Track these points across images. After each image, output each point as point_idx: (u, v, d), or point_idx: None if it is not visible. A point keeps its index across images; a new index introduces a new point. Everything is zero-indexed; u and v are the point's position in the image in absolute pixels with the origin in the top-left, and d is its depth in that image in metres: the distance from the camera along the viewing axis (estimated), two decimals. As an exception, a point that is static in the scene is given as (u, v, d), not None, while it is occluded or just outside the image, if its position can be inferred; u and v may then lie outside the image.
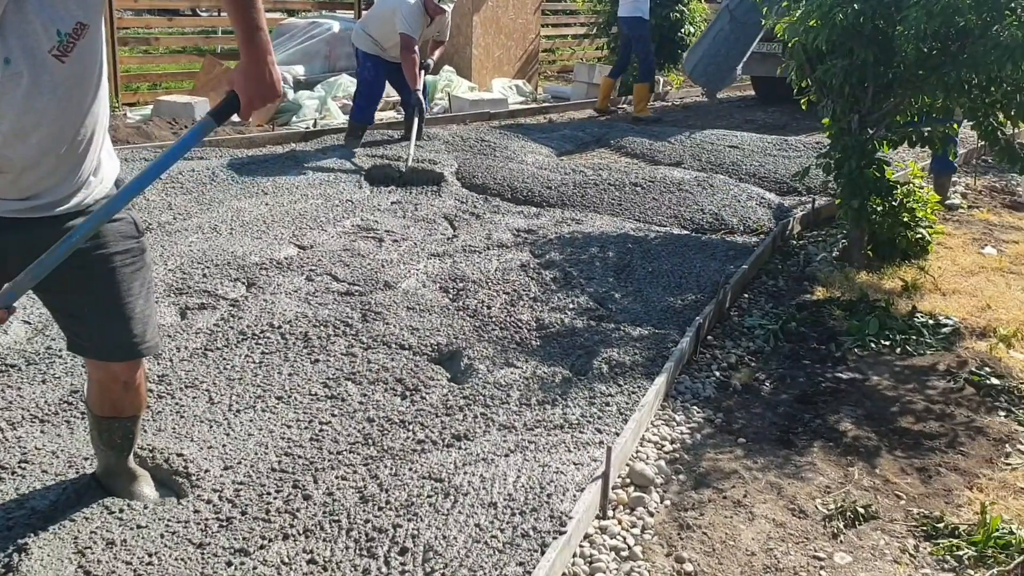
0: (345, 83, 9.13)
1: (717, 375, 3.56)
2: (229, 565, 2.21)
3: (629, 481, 2.74)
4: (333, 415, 2.98)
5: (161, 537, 2.31)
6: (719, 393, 3.42)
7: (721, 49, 9.68)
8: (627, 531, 2.52)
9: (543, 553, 2.24)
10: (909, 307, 4.23)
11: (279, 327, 3.63)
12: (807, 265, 4.94)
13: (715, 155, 7.47)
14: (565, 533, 2.30)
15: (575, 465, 2.66)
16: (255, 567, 2.20)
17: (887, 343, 3.88)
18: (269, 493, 2.51)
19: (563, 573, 2.29)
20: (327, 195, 5.80)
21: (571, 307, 4.04)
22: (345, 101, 8.98)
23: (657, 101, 11.31)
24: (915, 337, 3.93)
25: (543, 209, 5.82)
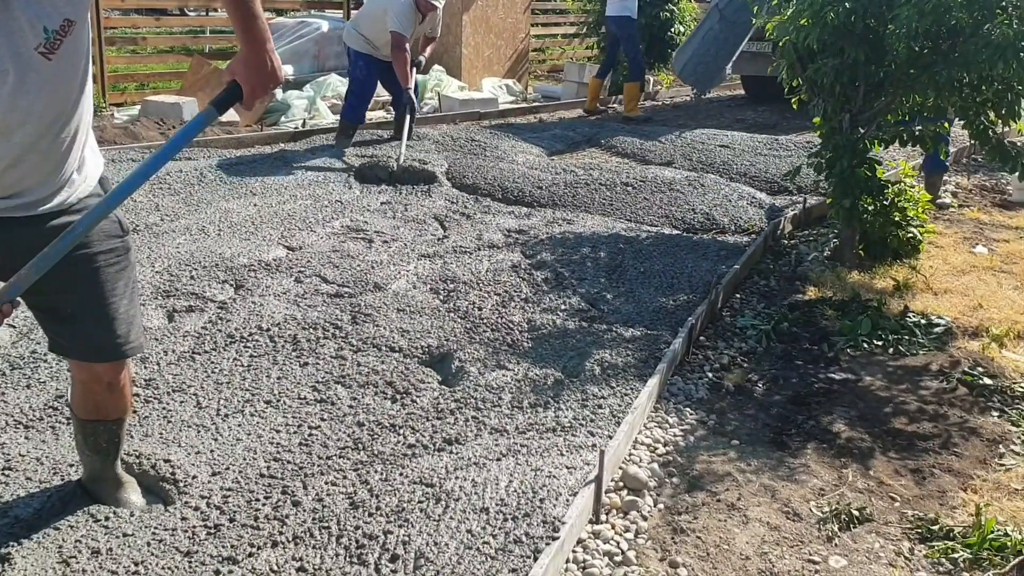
0: (334, 83, 9.08)
1: (710, 376, 3.54)
2: (217, 574, 2.18)
3: (622, 484, 2.71)
4: (323, 419, 2.94)
5: (148, 545, 2.27)
6: (712, 394, 3.40)
7: (710, 48, 9.68)
8: (620, 535, 2.50)
9: (536, 559, 2.21)
10: (901, 307, 4.23)
11: (268, 330, 3.59)
12: (799, 265, 4.93)
13: (706, 154, 7.46)
14: (558, 539, 2.27)
15: (568, 469, 2.63)
16: (244, 575, 2.17)
17: (879, 343, 3.87)
18: (258, 499, 2.48)
19: (556, 579, 2.27)
20: (316, 196, 5.75)
21: (563, 308, 4.02)
22: (334, 101, 8.94)
23: (647, 100, 11.29)
24: (907, 337, 3.92)
25: (534, 209, 5.79)
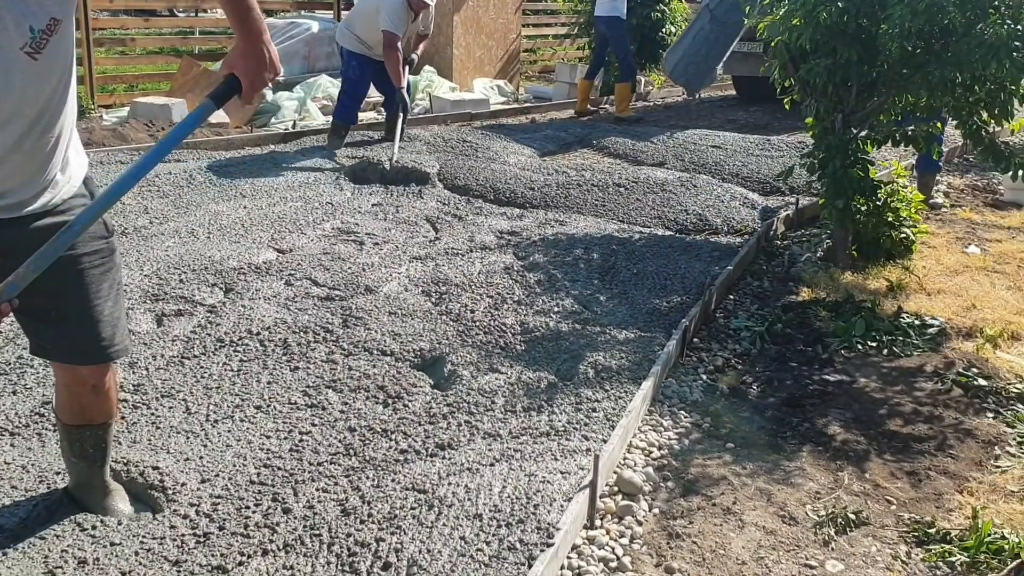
0: (325, 84, 9.03)
1: (704, 378, 3.52)
2: (206, 583, 2.14)
3: (617, 489, 2.69)
4: (313, 424, 2.91)
5: (136, 555, 2.24)
6: (706, 397, 3.38)
7: (701, 49, 9.67)
8: (615, 541, 2.47)
9: (530, 567, 2.18)
10: (895, 307, 4.21)
11: (258, 334, 3.55)
12: (792, 266, 4.91)
13: (698, 155, 7.44)
14: (552, 545, 2.25)
15: (562, 474, 2.60)
16: (233, 585, 2.14)
17: (874, 344, 3.85)
18: (248, 507, 2.44)
19: (551, 586, 2.24)
20: (307, 197, 5.71)
21: (556, 310, 3.99)
22: (325, 102, 8.89)
23: (639, 101, 11.28)
24: (901, 338, 3.90)
25: (526, 210, 5.76)
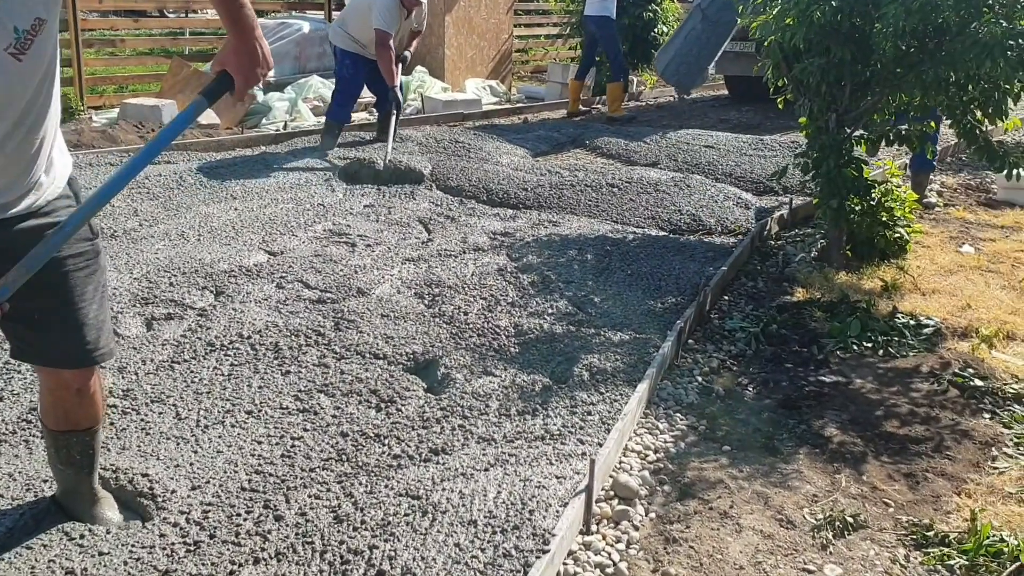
0: (316, 84, 8.99)
1: (699, 380, 3.50)
2: (196, 593, 2.11)
3: (613, 494, 2.66)
4: (305, 430, 2.87)
5: (125, 564, 2.20)
6: (702, 399, 3.35)
7: (693, 48, 9.66)
8: (612, 546, 2.44)
9: (526, 573, 2.15)
10: (890, 307, 4.20)
11: (248, 337, 3.51)
12: (786, 266, 4.90)
13: (691, 155, 7.42)
14: (548, 552, 2.22)
15: (557, 479, 2.57)
16: (224, 595, 2.10)
17: (869, 345, 3.84)
18: (239, 514, 2.41)
19: (547, 593, 2.21)
20: (298, 199, 5.67)
21: (550, 312, 3.96)
22: (316, 103, 8.85)
23: (631, 101, 11.27)
24: (897, 338, 3.89)
25: (519, 211, 5.73)
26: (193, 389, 3.12)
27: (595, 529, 2.50)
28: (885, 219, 4.78)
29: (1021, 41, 3.85)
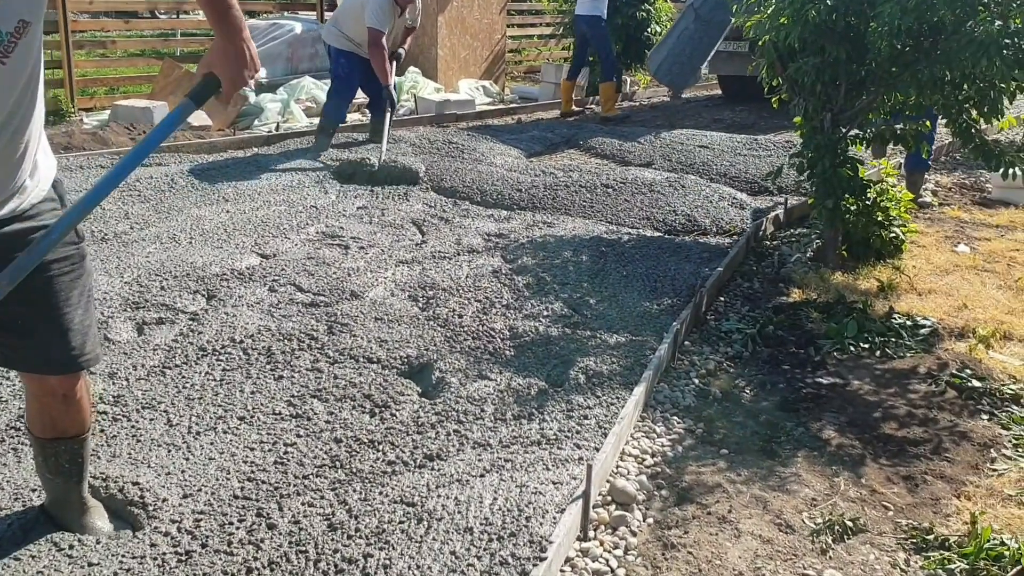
0: (308, 85, 8.94)
1: (696, 383, 3.47)
2: (188, 604, 2.07)
3: (610, 499, 2.63)
4: (298, 436, 2.83)
5: (115, 575, 2.16)
6: (699, 402, 3.33)
7: (686, 48, 9.64)
8: (609, 553, 2.41)
9: (523, 582, 2.12)
10: (886, 308, 4.18)
11: (241, 342, 3.48)
12: (782, 266, 4.87)
13: (685, 155, 7.40)
14: (546, 559, 2.18)
15: (554, 484, 2.54)
16: (216, 606, 2.07)
17: (866, 346, 3.81)
18: (231, 523, 2.37)
19: (544, 601, 2.18)
20: (291, 201, 5.63)
21: (545, 314, 3.93)
22: (308, 104, 8.80)
23: (625, 101, 11.25)
24: (894, 339, 3.87)
25: (513, 212, 5.70)
26: (185, 395, 3.08)
27: (592, 535, 2.47)
28: (881, 219, 4.77)
29: (1017, 40, 3.84)
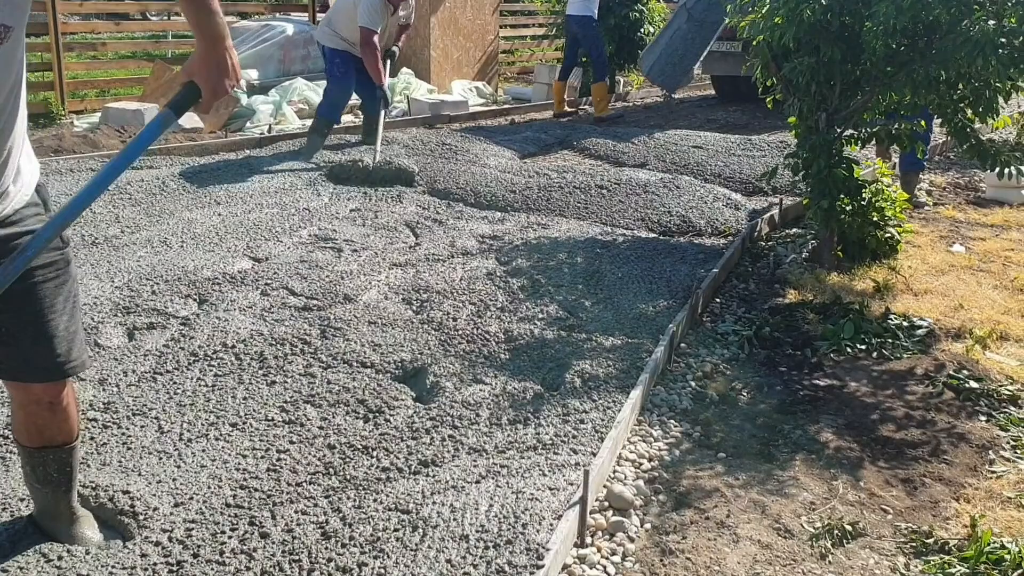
0: (300, 87, 8.90)
1: (693, 385, 3.44)
2: (179, 616, 2.04)
3: (607, 504, 2.60)
4: (291, 442, 2.80)
5: (104, 586, 2.13)
6: (696, 404, 3.30)
7: (678, 48, 9.64)
8: (607, 559, 2.38)
9: (520, 590, 2.09)
10: (882, 309, 4.16)
11: (233, 347, 3.44)
12: (777, 267, 4.85)
13: (679, 156, 7.38)
14: (543, 567, 2.16)
15: (551, 490, 2.51)
16: (208, 617, 2.03)
17: (863, 347, 3.79)
18: (223, 532, 2.33)
19: (541, 610, 2.15)
20: (283, 204, 5.59)
21: (540, 317, 3.90)
22: (301, 106, 8.76)
23: (618, 101, 11.23)
24: (891, 340, 3.85)
25: (508, 214, 5.67)
26: (176, 401, 3.04)
27: (590, 542, 2.44)
28: (876, 219, 4.75)
29: (1012, 39, 3.82)
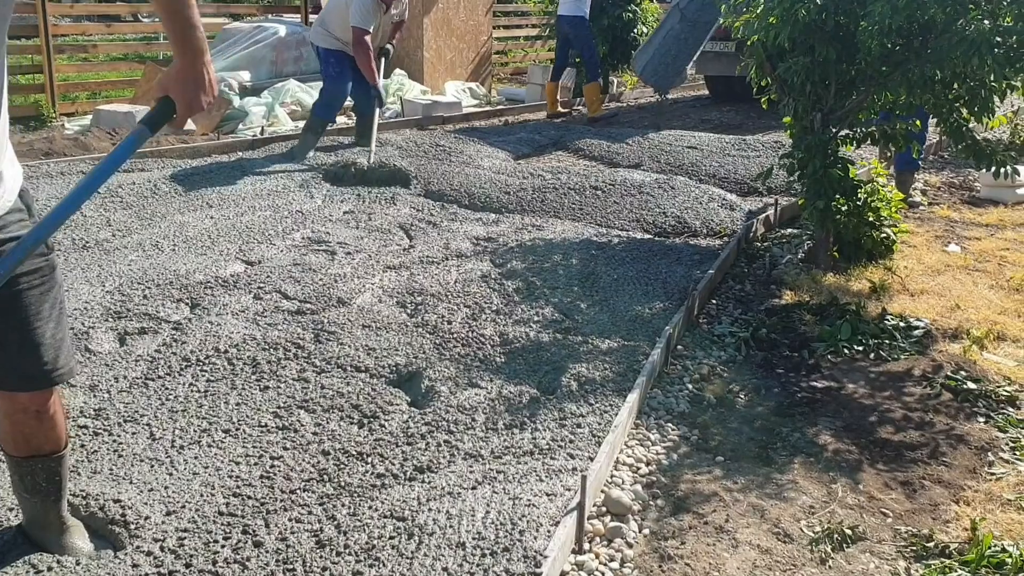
0: (293, 89, 8.86)
1: (690, 388, 3.42)
2: (171, 627, 2.00)
3: (605, 510, 2.57)
4: (285, 448, 2.76)
5: (95, 597, 2.09)
6: (693, 407, 3.28)
7: (671, 49, 9.62)
8: (606, 566, 2.35)
9: (517, 599, 2.06)
10: (879, 309, 4.14)
11: (225, 351, 3.40)
12: (773, 268, 4.83)
13: (674, 156, 7.36)
14: (540, 574, 2.13)
15: (548, 496, 2.48)
16: (200, 628, 2.00)
17: (860, 348, 3.77)
18: (216, 541, 2.30)
19: (539, 618, 2.12)
20: (276, 206, 5.55)
21: (536, 319, 3.87)
22: (293, 107, 8.72)
23: (612, 102, 11.21)
24: (888, 341, 3.83)
25: (502, 215, 5.65)
26: (168, 407, 3.00)
27: (588, 548, 2.41)
28: (872, 219, 4.74)
29: (1008, 38, 3.81)
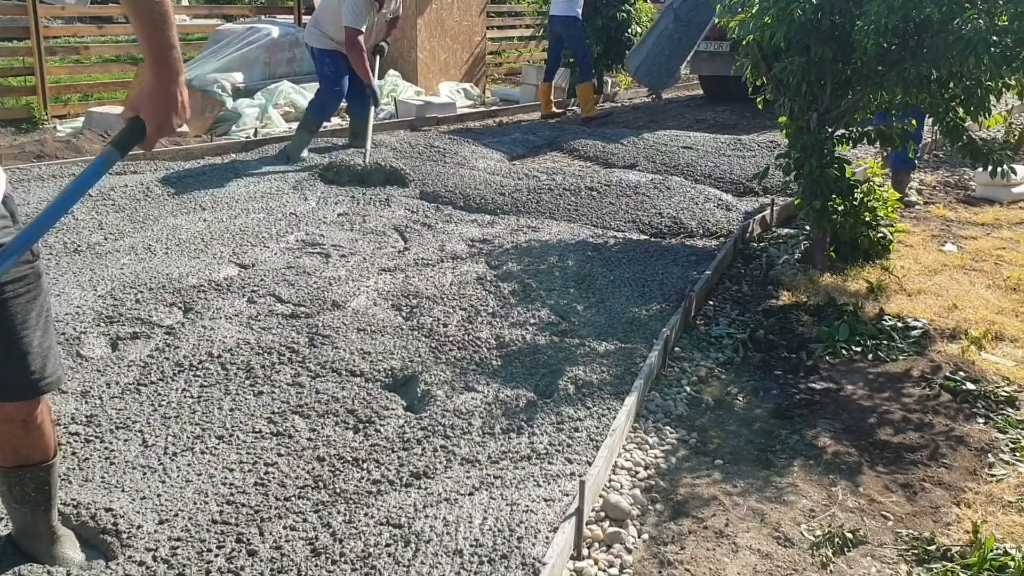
0: (286, 90, 8.81)
1: (688, 390, 3.39)
2: (164, 639, 1.97)
3: (604, 515, 2.54)
4: (279, 455, 2.73)
5: (86, 609, 2.06)
6: (691, 410, 3.25)
7: (665, 49, 9.61)
8: (604, 572, 2.33)
9: (516, 607, 2.03)
10: (876, 310, 4.12)
11: (219, 356, 3.37)
12: (770, 268, 4.81)
13: (669, 156, 7.34)
14: (539, 582, 2.10)
15: (546, 501, 2.45)
16: (194, 640, 1.97)
17: (858, 349, 3.75)
18: (210, 550, 2.27)
19: (538, 626, 2.10)
20: (269, 208, 5.52)
21: (532, 322, 3.85)
22: (287, 109, 8.68)
23: (606, 102, 11.18)
24: (886, 342, 3.81)
25: (497, 217, 5.62)
26: (161, 413, 2.97)
27: (587, 554, 2.38)
28: (868, 219, 4.72)
29: (1004, 37, 3.80)
